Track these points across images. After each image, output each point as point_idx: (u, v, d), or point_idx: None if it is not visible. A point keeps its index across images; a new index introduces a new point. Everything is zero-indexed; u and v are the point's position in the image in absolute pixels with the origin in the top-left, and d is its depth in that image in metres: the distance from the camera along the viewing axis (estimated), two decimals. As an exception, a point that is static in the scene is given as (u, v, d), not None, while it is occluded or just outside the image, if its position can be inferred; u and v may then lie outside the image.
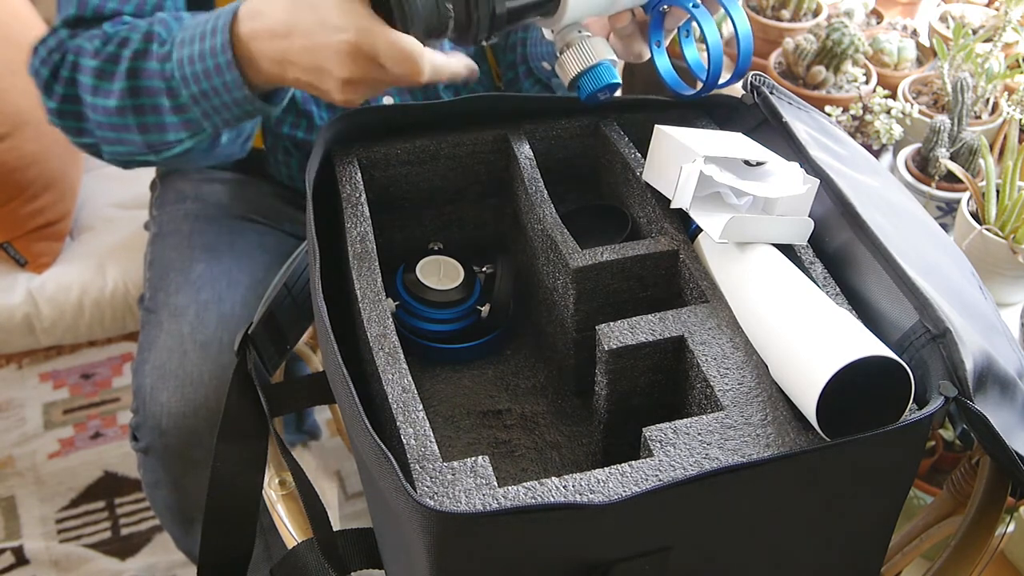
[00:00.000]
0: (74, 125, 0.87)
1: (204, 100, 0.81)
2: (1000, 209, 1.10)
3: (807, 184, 0.70)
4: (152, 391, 1.02)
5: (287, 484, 0.83)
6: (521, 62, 1.04)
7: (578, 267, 0.71)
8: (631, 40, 0.81)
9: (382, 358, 0.63)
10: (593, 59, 0.75)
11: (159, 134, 0.84)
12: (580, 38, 0.75)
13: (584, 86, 0.76)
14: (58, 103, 0.87)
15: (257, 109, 0.82)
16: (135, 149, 0.86)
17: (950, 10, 1.50)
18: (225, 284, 1.07)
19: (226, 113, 0.82)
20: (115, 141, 0.86)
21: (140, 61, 0.83)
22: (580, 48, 0.75)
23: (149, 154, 0.86)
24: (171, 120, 0.83)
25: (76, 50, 0.86)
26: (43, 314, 1.63)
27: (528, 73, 1.04)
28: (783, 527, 0.62)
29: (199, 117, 0.82)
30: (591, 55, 0.75)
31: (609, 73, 0.75)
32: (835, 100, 1.38)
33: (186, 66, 0.80)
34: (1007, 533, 0.72)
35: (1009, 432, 0.62)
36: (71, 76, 0.86)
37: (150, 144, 0.85)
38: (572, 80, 0.76)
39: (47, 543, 1.55)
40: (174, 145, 0.85)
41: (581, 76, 0.76)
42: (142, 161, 0.88)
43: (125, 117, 0.84)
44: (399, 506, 0.53)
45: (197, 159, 0.88)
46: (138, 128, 0.84)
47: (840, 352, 0.57)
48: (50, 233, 1.65)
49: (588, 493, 0.55)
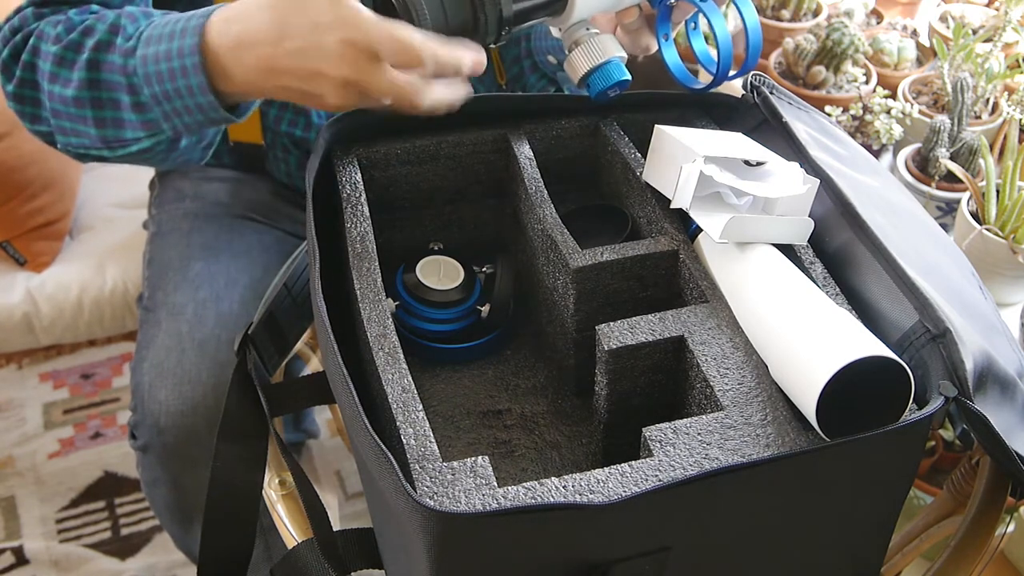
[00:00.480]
0: (31, 111, 0.85)
1: (166, 101, 0.78)
2: (1000, 209, 1.10)
3: (807, 184, 0.70)
4: (150, 389, 1.02)
5: (287, 484, 0.83)
6: (526, 56, 1.04)
7: (578, 267, 0.71)
8: (638, 34, 0.81)
9: (382, 358, 0.63)
10: (602, 57, 0.75)
11: (115, 130, 0.81)
12: (588, 36, 0.76)
13: (594, 84, 0.76)
14: (16, 87, 0.84)
15: (221, 118, 0.79)
16: (89, 142, 0.82)
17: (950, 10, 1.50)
18: (223, 283, 1.07)
19: (187, 117, 0.79)
20: (70, 132, 0.83)
21: (102, 53, 0.79)
22: (589, 46, 0.75)
23: (104, 149, 0.83)
24: (129, 118, 0.80)
25: (39, 34, 0.83)
26: (42, 313, 1.63)
27: (533, 67, 1.04)
28: (783, 527, 0.62)
29: (159, 118, 0.79)
30: (600, 53, 0.75)
31: (619, 71, 0.76)
32: (835, 100, 1.38)
33: (150, 64, 0.77)
34: (1007, 533, 0.72)
35: (1009, 432, 0.62)
36: (31, 60, 0.83)
37: (105, 139, 0.82)
38: (582, 78, 0.76)
39: (47, 543, 1.55)
40: (130, 143, 0.82)
41: (591, 74, 0.76)
42: (96, 156, 0.85)
43: (82, 109, 0.80)
44: (399, 506, 0.53)
45: (154, 160, 0.86)
46: (95, 121, 0.81)
47: (840, 352, 0.57)
48: (49, 232, 1.65)
49: (588, 493, 0.55)
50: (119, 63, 0.79)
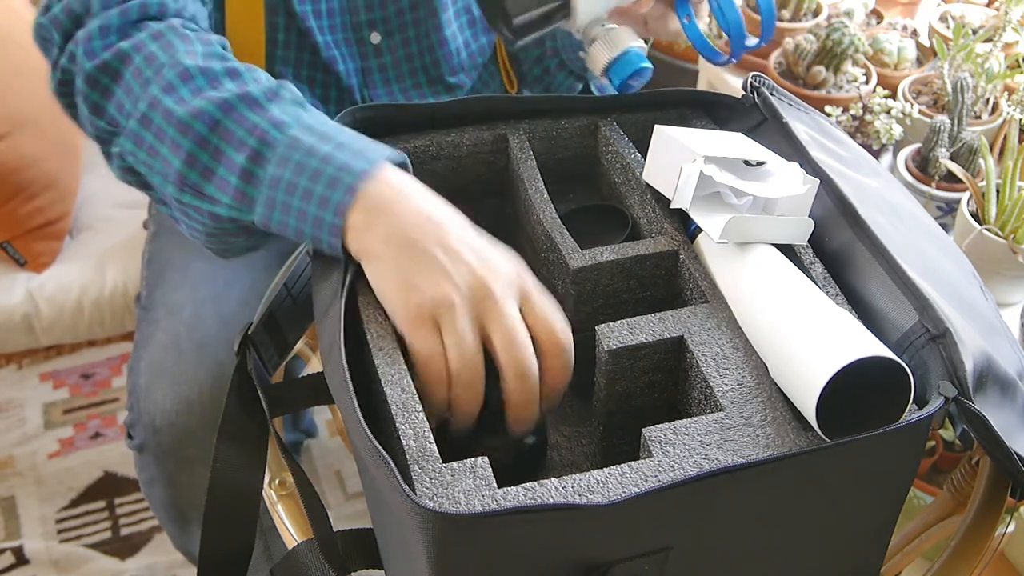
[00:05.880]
0: (96, 99, 0.76)
1: (285, 192, 0.67)
2: (1000, 209, 1.10)
3: (807, 184, 0.70)
4: (146, 389, 1.01)
5: (287, 484, 0.83)
6: (552, 55, 1.05)
7: (578, 267, 0.71)
8: (664, 20, 0.84)
9: (381, 359, 0.63)
10: (619, 48, 0.78)
11: (201, 178, 0.71)
12: (604, 31, 0.79)
13: (615, 75, 0.79)
14: (96, 69, 0.75)
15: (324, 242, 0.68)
16: (161, 168, 0.73)
17: (950, 10, 1.50)
18: (222, 283, 1.07)
19: (292, 219, 0.68)
20: (145, 147, 0.73)
21: (243, 105, 0.70)
22: (605, 40, 0.79)
23: (169, 185, 0.73)
24: (227, 178, 0.70)
25: (156, 34, 0.75)
26: (42, 313, 1.63)
27: (561, 66, 1.05)
28: (782, 527, 0.62)
29: (260, 199, 0.69)
30: (616, 44, 0.78)
31: (638, 59, 0.79)
32: (835, 100, 1.38)
33: (299, 153, 0.68)
34: (1007, 533, 0.72)
35: (1009, 432, 0.62)
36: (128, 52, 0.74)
37: (184, 179, 0.71)
38: (603, 71, 0.80)
39: (47, 543, 1.55)
40: (206, 199, 0.72)
41: (610, 67, 0.79)
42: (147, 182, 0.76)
43: (184, 135, 0.70)
44: (399, 507, 0.53)
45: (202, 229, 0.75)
46: (187, 155, 0.71)
47: (840, 352, 0.57)
48: (49, 232, 1.65)
49: (587, 494, 0.55)
50: (259, 124, 0.70)
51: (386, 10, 0.97)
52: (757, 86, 0.79)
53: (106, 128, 0.77)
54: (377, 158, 0.68)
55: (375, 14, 0.97)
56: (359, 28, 0.98)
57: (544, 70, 1.07)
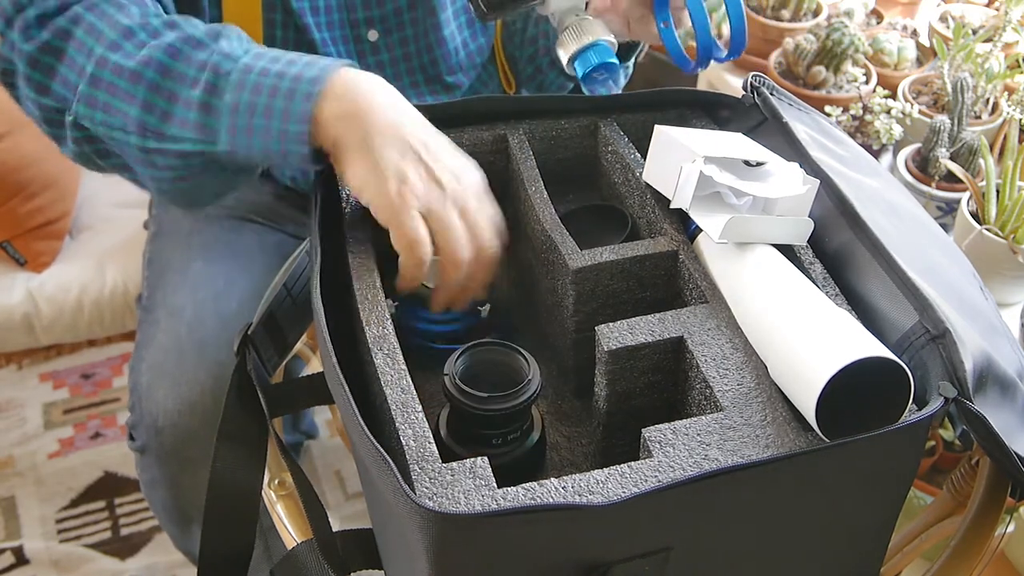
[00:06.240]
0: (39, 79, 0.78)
1: (248, 114, 0.71)
2: (1000, 209, 1.10)
3: (807, 184, 0.70)
4: (148, 390, 1.01)
5: (287, 484, 0.83)
6: (544, 54, 1.05)
7: (578, 267, 0.71)
8: (645, 23, 0.83)
9: (381, 359, 0.63)
10: (587, 38, 0.77)
11: (160, 120, 0.74)
12: (577, 20, 0.78)
13: (580, 65, 0.78)
14: (36, 49, 0.77)
15: (296, 155, 0.72)
16: (122, 122, 0.75)
17: (950, 10, 1.50)
18: (223, 284, 1.07)
19: (259, 139, 0.72)
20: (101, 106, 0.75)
21: (189, 46, 0.74)
22: (574, 29, 0.78)
23: (133, 134, 0.75)
24: (185, 115, 0.74)
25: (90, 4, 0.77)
26: (42, 313, 1.63)
27: (552, 64, 1.05)
28: (782, 527, 0.62)
29: (222, 128, 0.73)
30: (585, 34, 0.77)
31: (602, 53, 0.78)
32: (835, 100, 1.38)
33: (254, 74, 0.72)
34: (1007, 533, 0.72)
35: (1009, 433, 0.62)
36: (66, 27, 0.77)
37: (144, 125, 0.74)
38: (569, 60, 0.79)
39: (47, 543, 1.55)
40: (168, 139, 0.75)
41: (576, 56, 0.78)
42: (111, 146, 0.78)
43: (136, 84, 0.74)
44: (398, 507, 0.53)
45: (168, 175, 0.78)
46: (142, 103, 0.74)
47: (840, 353, 0.57)
48: (49, 232, 1.65)
49: (587, 494, 0.55)
50: (208, 60, 0.73)
51: (384, 8, 0.97)
52: (757, 86, 0.79)
53: (53, 106, 0.79)
54: (330, 64, 0.71)
55: (373, 12, 0.97)
56: (356, 25, 0.98)
57: (536, 68, 1.07)
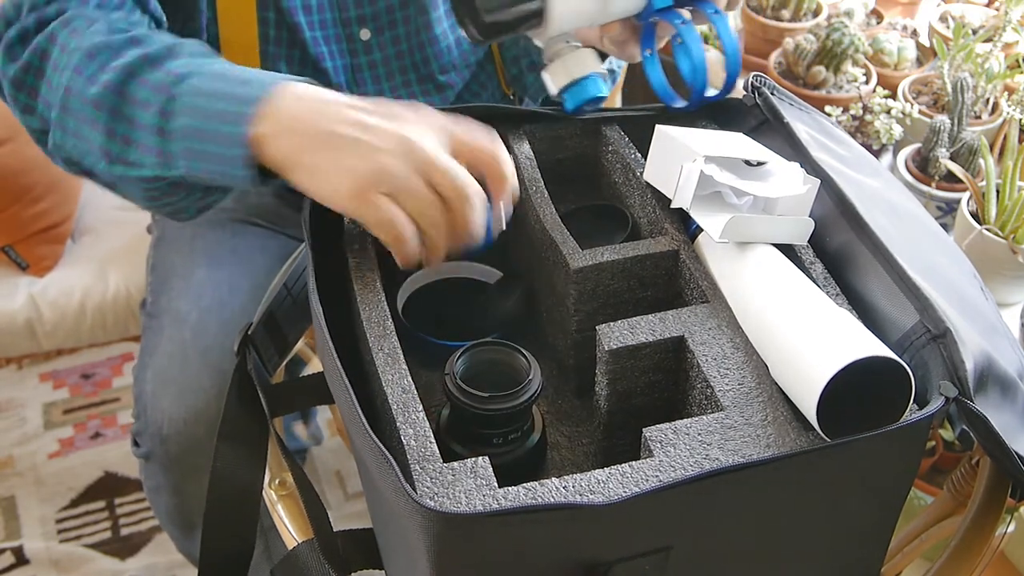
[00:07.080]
0: (24, 100, 0.79)
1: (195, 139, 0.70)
2: (1000, 209, 1.10)
3: (807, 184, 0.70)
4: (153, 398, 1.01)
5: (287, 484, 0.83)
6: (524, 55, 1.04)
7: (578, 267, 0.71)
8: (625, 44, 0.81)
9: (382, 359, 0.63)
10: (580, 71, 0.76)
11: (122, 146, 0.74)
12: (568, 49, 0.76)
13: (571, 97, 0.77)
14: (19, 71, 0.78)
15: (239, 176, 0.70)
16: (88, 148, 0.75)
17: (950, 10, 1.50)
18: (227, 290, 1.07)
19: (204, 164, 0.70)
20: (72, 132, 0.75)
21: (146, 67, 0.73)
22: (567, 60, 0.76)
23: (101, 160, 0.75)
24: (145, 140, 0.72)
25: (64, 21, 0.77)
26: (45, 318, 1.63)
27: (532, 67, 1.04)
28: (783, 527, 0.62)
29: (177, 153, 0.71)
30: (577, 68, 0.76)
31: (595, 87, 0.76)
32: (835, 100, 1.38)
33: (196, 97, 0.70)
34: (1007, 533, 0.72)
35: (1009, 433, 0.62)
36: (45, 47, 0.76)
37: (108, 152, 0.74)
38: (560, 91, 0.77)
39: (47, 543, 1.55)
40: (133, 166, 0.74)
41: (568, 88, 0.77)
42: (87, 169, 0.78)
43: (99, 111, 0.73)
44: (399, 507, 0.53)
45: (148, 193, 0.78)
46: (105, 130, 0.73)
47: (841, 352, 0.57)
48: (52, 236, 1.65)
49: (588, 493, 0.55)
50: (162, 81, 0.72)
51: (376, 6, 0.97)
52: (758, 86, 0.79)
53: (38, 127, 0.79)
54: (268, 81, 0.70)
55: (365, 10, 0.97)
56: (348, 24, 0.97)
57: (520, 70, 1.06)
